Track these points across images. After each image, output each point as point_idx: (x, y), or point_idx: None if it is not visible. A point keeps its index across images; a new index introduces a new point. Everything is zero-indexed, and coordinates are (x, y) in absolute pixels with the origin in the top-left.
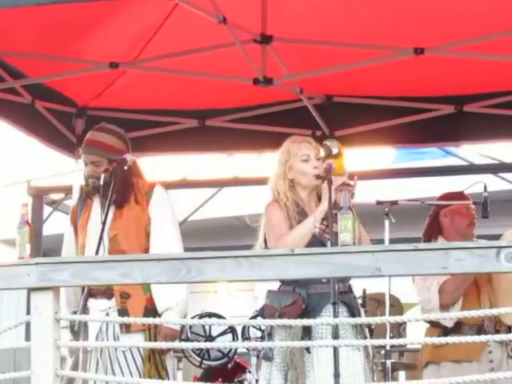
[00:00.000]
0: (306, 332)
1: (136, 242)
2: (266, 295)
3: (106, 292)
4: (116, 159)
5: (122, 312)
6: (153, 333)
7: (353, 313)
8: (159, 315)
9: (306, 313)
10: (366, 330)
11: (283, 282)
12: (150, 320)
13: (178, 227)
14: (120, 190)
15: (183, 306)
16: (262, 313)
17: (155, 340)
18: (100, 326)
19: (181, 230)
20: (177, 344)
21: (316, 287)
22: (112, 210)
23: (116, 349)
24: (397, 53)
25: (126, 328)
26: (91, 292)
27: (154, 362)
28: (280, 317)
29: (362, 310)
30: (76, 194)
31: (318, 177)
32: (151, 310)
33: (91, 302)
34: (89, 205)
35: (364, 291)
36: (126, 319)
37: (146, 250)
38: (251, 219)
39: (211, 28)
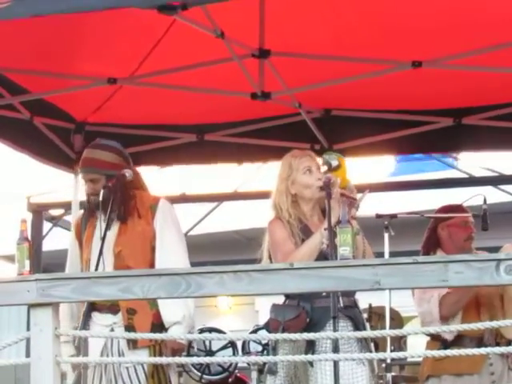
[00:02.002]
0: (310, 346)
1: (141, 257)
2: (270, 309)
3: (112, 307)
4: (114, 175)
5: (129, 328)
6: (158, 349)
7: (357, 327)
8: (165, 330)
9: (310, 327)
10: (372, 345)
11: (288, 296)
12: (151, 335)
13: (183, 241)
14: (121, 204)
15: (190, 320)
16: (267, 327)
17: (160, 356)
18: (105, 341)
19: None
20: (177, 359)
21: (320, 301)
22: (117, 225)
23: (120, 365)
24: (395, 66)
25: (134, 344)
26: (96, 306)
27: (158, 378)
28: (284, 330)
29: (368, 325)
30: (75, 210)
31: (321, 188)
32: (158, 326)
33: (96, 316)
34: (92, 220)
35: (370, 306)
36: (127, 334)
37: (152, 265)
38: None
39: (209, 43)
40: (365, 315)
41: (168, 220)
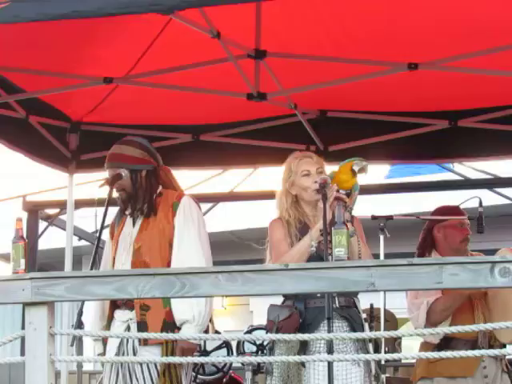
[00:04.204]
0: (303, 346)
1: (159, 254)
2: (267, 310)
3: (128, 303)
4: (138, 169)
5: (141, 324)
6: (170, 347)
7: (354, 328)
8: (178, 329)
9: (304, 327)
10: (370, 346)
11: (286, 297)
12: (145, 335)
13: (203, 240)
14: (144, 200)
15: (202, 320)
16: (266, 327)
17: (172, 354)
18: (121, 337)
19: None
20: (171, 358)
21: (315, 301)
22: (140, 220)
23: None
24: (391, 68)
25: (144, 340)
26: (117, 303)
27: (169, 376)
28: (277, 330)
29: (367, 325)
30: (71, 209)
31: (318, 191)
32: (169, 324)
33: (117, 313)
34: (123, 219)
35: (371, 306)
36: (122, 334)
37: (169, 264)
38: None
39: (205, 43)
40: (364, 315)
41: (188, 219)
